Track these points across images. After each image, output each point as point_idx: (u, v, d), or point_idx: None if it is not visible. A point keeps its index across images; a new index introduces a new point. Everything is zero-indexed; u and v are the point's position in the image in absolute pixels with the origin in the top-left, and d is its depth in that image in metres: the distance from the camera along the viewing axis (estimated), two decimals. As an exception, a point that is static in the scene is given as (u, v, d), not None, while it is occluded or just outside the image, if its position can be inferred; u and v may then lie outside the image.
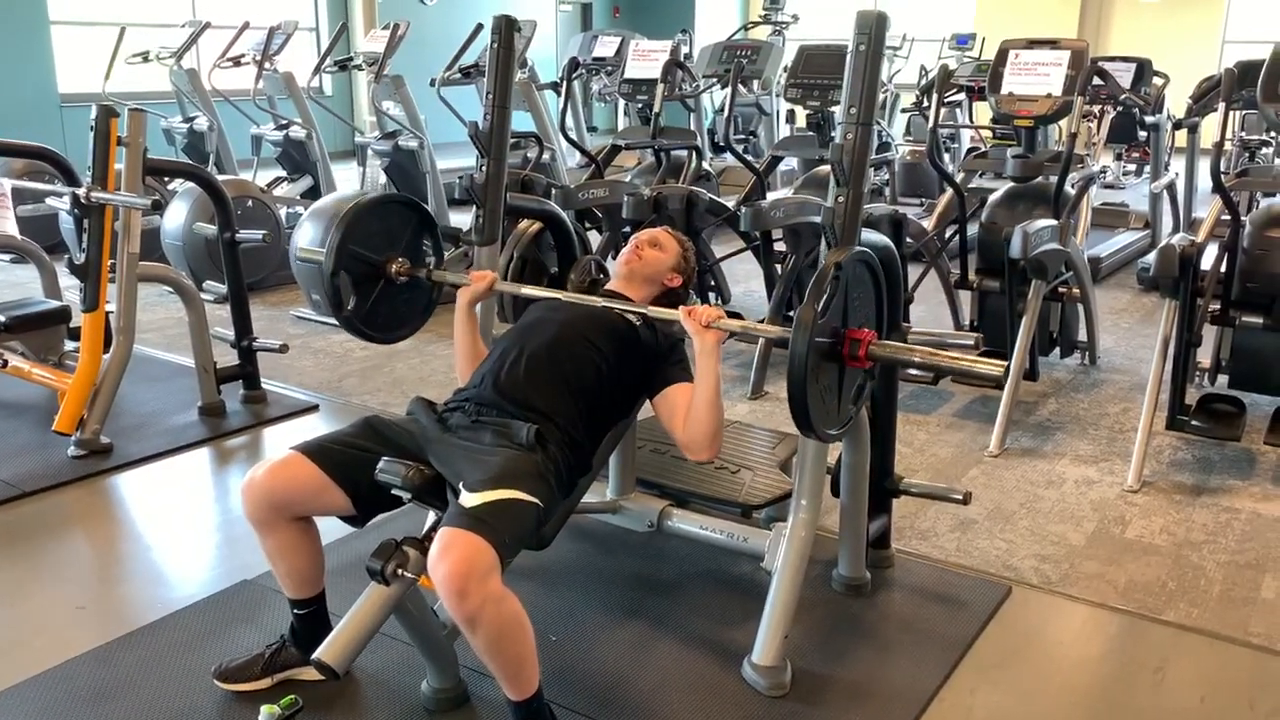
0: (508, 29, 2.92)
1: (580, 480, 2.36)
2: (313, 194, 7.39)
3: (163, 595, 2.79)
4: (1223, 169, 3.74)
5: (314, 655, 2.02)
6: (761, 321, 4.47)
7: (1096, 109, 6.35)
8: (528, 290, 2.69)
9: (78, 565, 3.02)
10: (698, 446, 2.30)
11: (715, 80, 6.88)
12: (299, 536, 2.25)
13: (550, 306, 2.54)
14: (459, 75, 7.08)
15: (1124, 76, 6.45)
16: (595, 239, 5.44)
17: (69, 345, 4.13)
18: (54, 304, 4.19)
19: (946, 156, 8.21)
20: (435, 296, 2.87)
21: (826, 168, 5.20)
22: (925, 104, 8.31)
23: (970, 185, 5.98)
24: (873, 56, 2.21)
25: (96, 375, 3.63)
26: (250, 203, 5.90)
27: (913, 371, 4.21)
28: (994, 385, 4.05)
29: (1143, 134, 7.71)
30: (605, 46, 9.27)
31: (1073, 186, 4.45)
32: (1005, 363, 2.17)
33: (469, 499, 1.96)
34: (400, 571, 1.98)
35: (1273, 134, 7.04)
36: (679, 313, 2.32)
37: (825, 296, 2.06)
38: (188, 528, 3.22)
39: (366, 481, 2.12)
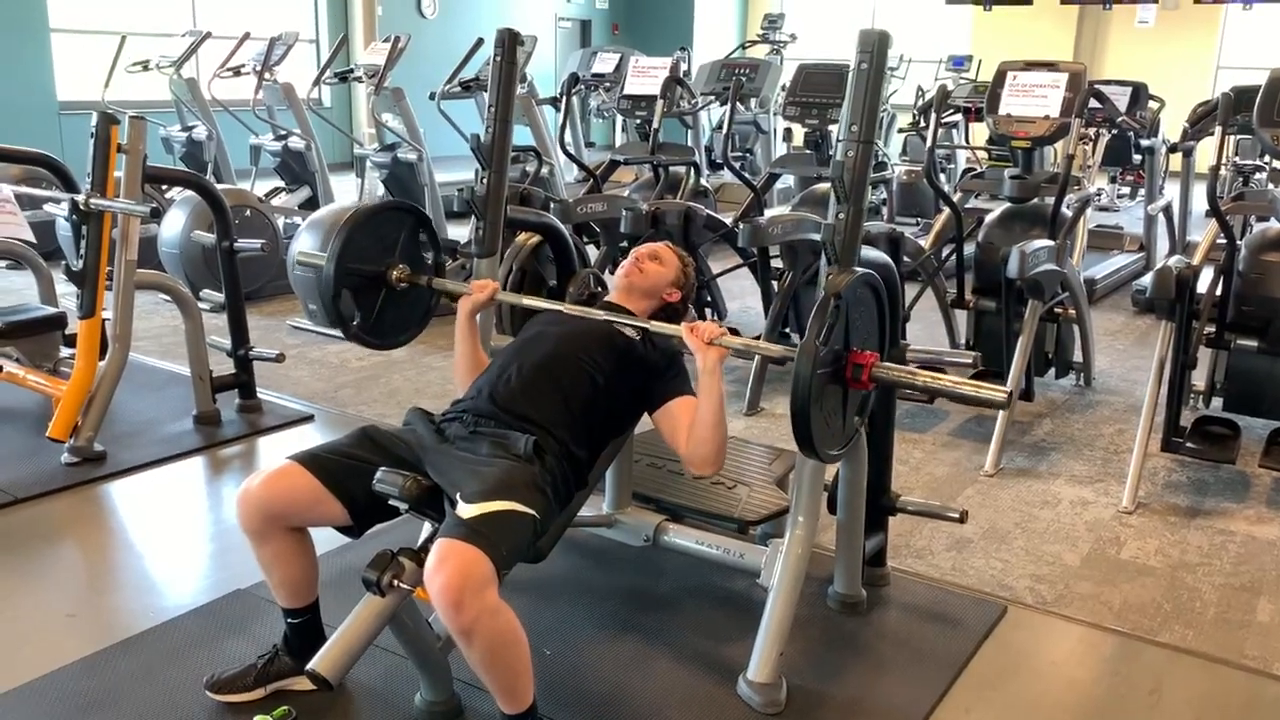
0: (511, 42, 2.92)
1: (577, 494, 2.35)
2: (311, 205, 7.40)
3: (154, 604, 2.78)
4: (1218, 193, 3.76)
5: (308, 666, 2.01)
6: (758, 338, 4.48)
7: (1092, 132, 6.39)
8: (529, 301, 2.69)
9: (69, 573, 3.00)
10: (701, 462, 2.30)
11: (714, 97, 6.92)
12: (294, 547, 2.24)
13: (550, 320, 2.54)
14: (459, 89, 7.11)
15: (1120, 100, 6.50)
16: (593, 253, 5.45)
17: (64, 352, 4.11)
18: (50, 310, 4.17)
19: (943, 177, 8.23)
20: (434, 303, 2.87)
21: (824, 185, 5.23)
22: (922, 124, 8.36)
23: (967, 205, 6.00)
24: (875, 75, 2.22)
25: (92, 382, 3.62)
26: (248, 212, 5.90)
27: (908, 390, 4.21)
28: (997, 408, 4.04)
29: (1137, 157, 7.76)
30: (604, 63, 9.32)
31: (1069, 208, 4.47)
32: (1009, 389, 2.18)
33: (466, 510, 1.96)
34: (396, 583, 1.97)
35: (1267, 159, 7.08)
36: (681, 329, 2.33)
37: (827, 325, 2.07)
38: (181, 536, 3.21)
39: (363, 492, 2.12)
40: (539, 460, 2.17)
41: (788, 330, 4.77)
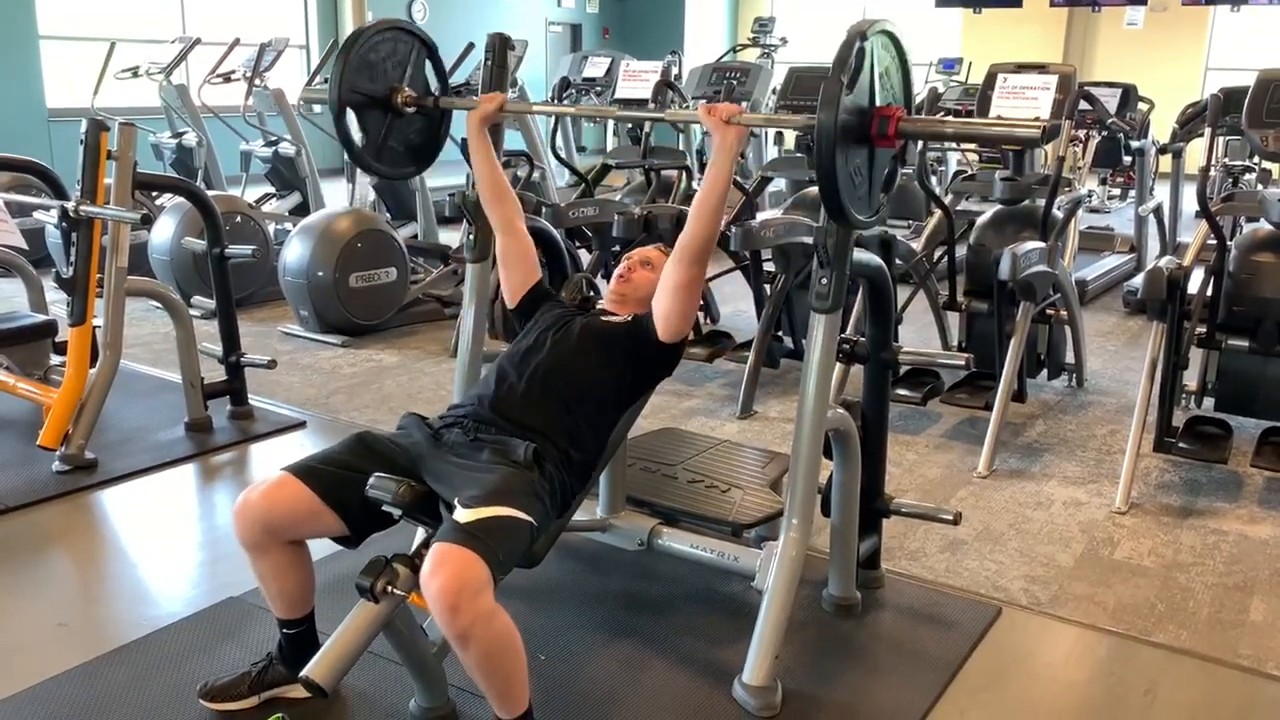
0: (501, 47, 2.92)
1: (574, 499, 2.35)
2: (302, 210, 7.38)
3: (147, 613, 2.76)
4: (1208, 194, 3.77)
5: (302, 673, 2.00)
6: (749, 344, 4.48)
7: (1082, 134, 6.41)
8: (539, 109, 2.67)
9: (60, 582, 2.99)
10: (695, 247, 2.33)
11: (705, 101, 6.91)
12: (291, 559, 2.23)
13: (546, 327, 2.53)
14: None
15: (1110, 102, 6.52)
16: (585, 258, 5.45)
17: (55, 360, 4.10)
18: (40, 318, 4.16)
19: (934, 179, 8.25)
20: (442, 129, 2.84)
21: (815, 189, 5.23)
22: (913, 127, 8.35)
23: (958, 208, 6.01)
24: (866, 77, 2.22)
25: (82, 390, 3.60)
26: (239, 219, 5.88)
27: (901, 392, 4.22)
28: (1031, 144, 3.64)
29: (1128, 159, 7.78)
30: (595, 67, 9.31)
31: (1060, 209, 4.48)
32: (1044, 121, 2.05)
33: (463, 515, 1.95)
34: (390, 589, 1.96)
35: (1256, 159, 7.11)
36: (699, 111, 2.33)
37: (852, 69, 1.97)
38: (173, 544, 3.19)
39: (358, 502, 2.10)
40: (538, 467, 2.17)
41: (780, 334, 4.77)
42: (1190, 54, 14.36)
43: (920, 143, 4.79)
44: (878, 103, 2.11)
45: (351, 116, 2.65)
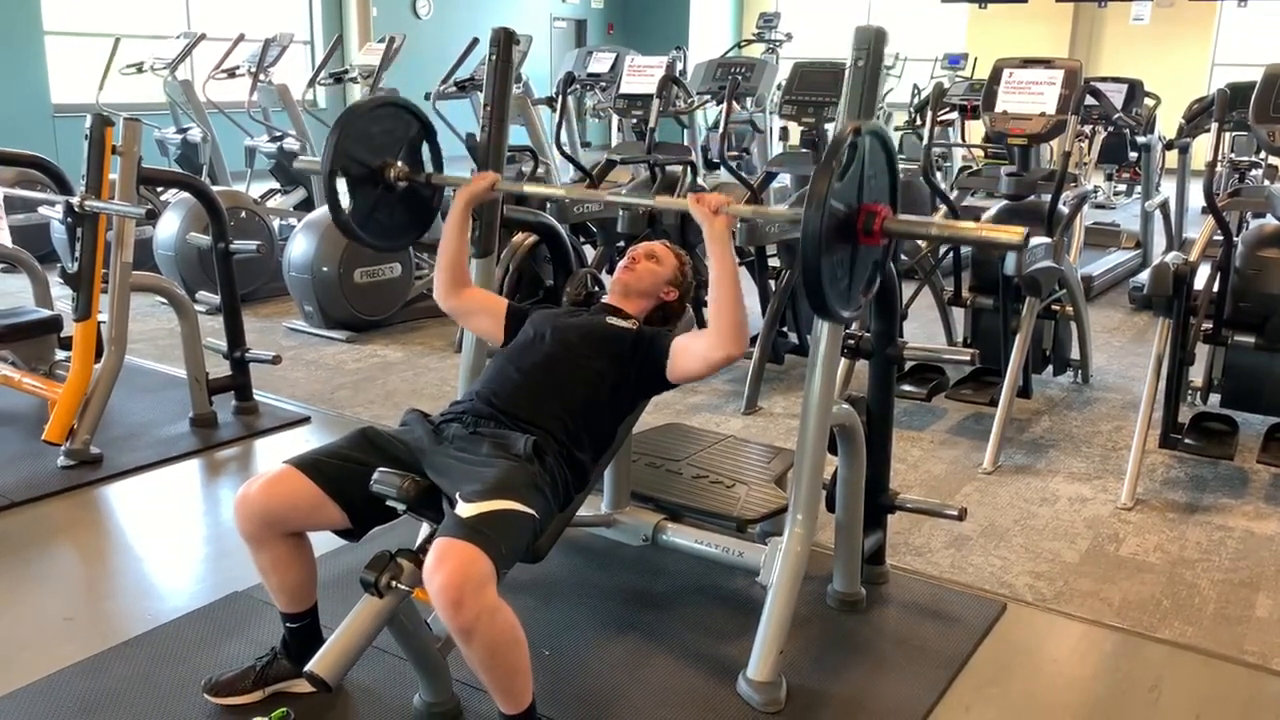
0: (506, 42, 2.91)
1: (576, 494, 2.35)
2: (306, 206, 7.38)
3: (152, 607, 2.77)
4: (1214, 189, 3.76)
5: (306, 668, 2.00)
6: (755, 338, 4.47)
7: (1088, 129, 6.39)
8: (529, 189, 2.67)
9: (66, 576, 2.99)
10: (725, 338, 2.26)
11: (710, 96, 6.90)
12: (292, 552, 2.23)
13: (545, 322, 2.53)
14: (454, 89, 7.10)
15: (1116, 97, 6.49)
16: (590, 253, 5.44)
17: (60, 355, 4.10)
18: (45, 313, 4.16)
19: (939, 175, 8.24)
20: (436, 204, 2.84)
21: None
22: (919, 122, 8.35)
23: (964, 203, 6.00)
24: (871, 72, 2.22)
25: (87, 385, 3.61)
26: (243, 214, 5.89)
27: (906, 388, 4.21)
28: (1015, 249, 3.62)
29: (1133, 154, 7.76)
30: (600, 62, 9.30)
31: (1066, 205, 4.47)
32: (1023, 229, 2.07)
33: (465, 510, 1.95)
34: (394, 584, 1.96)
35: (1263, 154, 7.08)
36: (688, 199, 2.31)
37: (841, 166, 1.98)
38: (178, 539, 3.20)
39: (361, 495, 2.11)
40: (539, 461, 2.17)
41: (785, 329, 4.77)
42: (1197, 49, 14.32)
43: (925, 139, 4.78)
44: (865, 200, 2.11)
45: (343, 183, 2.65)
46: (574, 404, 2.32)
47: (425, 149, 2.79)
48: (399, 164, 2.71)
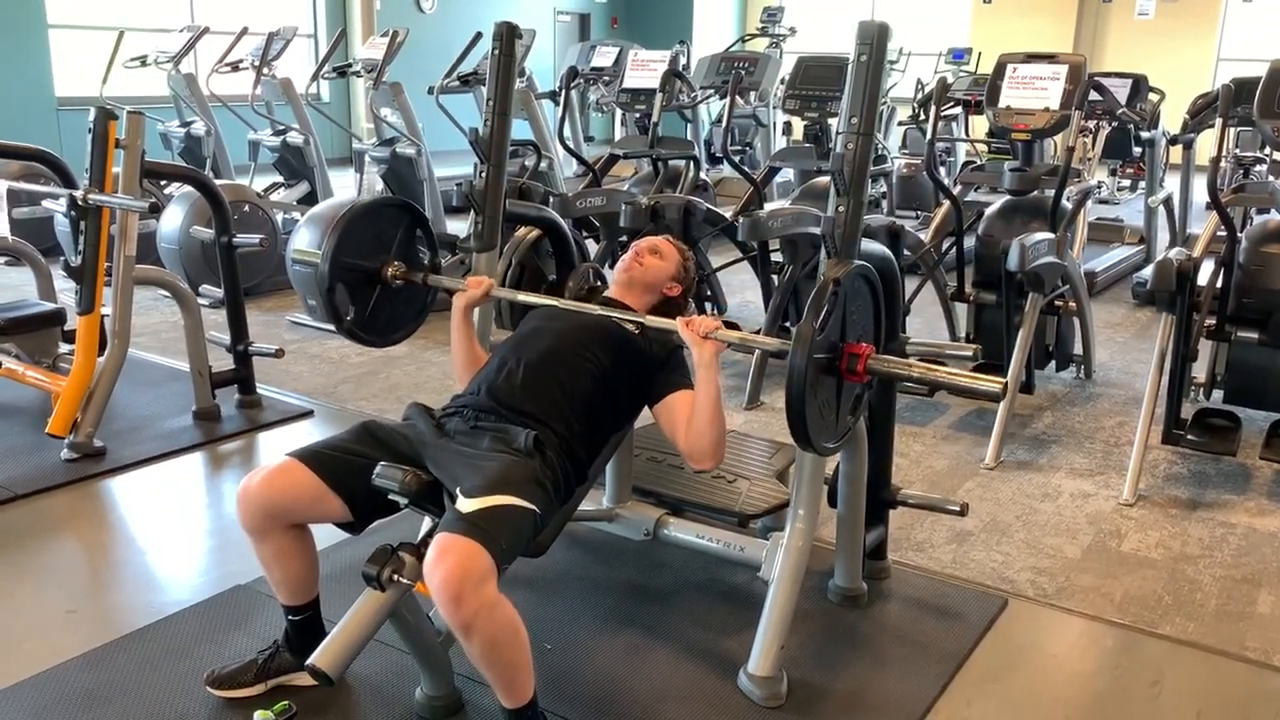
0: (509, 36, 2.91)
1: (577, 488, 2.35)
2: (309, 200, 7.38)
3: (155, 600, 2.77)
4: (1218, 185, 3.75)
5: (308, 661, 2.00)
6: (758, 332, 4.47)
7: (1092, 124, 6.38)
8: (524, 297, 2.68)
9: (69, 569, 3.00)
10: (700, 455, 2.30)
11: (713, 91, 6.90)
12: (294, 544, 2.24)
13: (548, 315, 2.53)
14: (457, 83, 7.09)
15: (1120, 92, 6.48)
16: (592, 248, 5.44)
17: (63, 348, 4.11)
18: (49, 306, 4.17)
19: (943, 170, 8.23)
20: (430, 300, 2.87)
21: (824, 179, 5.21)
22: (922, 117, 8.35)
23: (967, 198, 6.00)
24: (874, 67, 2.22)
25: (91, 378, 3.62)
26: (247, 208, 5.89)
27: (908, 383, 4.20)
28: (993, 400, 4.04)
29: (1137, 150, 7.75)
30: (603, 56, 9.30)
31: (1069, 200, 4.46)
32: (1004, 379, 2.17)
33: (466, 504, 1.95)
34: (396, 577, 1.96)
35: (1268, 150, 7.07)
36: (677, 323, 2.32)
37: (824, 312, 2.06)
38: (181, 532, 3.20)
39: (363, 488, 2.11)
40: (539, 455, 2.17)
41: (788, 324, 4.75)
42: (1201, 44, 14.28)
43: (929, 133, 4.77)
44: (848, 339, 2.17)
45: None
46: (574, 397, 2.32)
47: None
48: (396, 263, 2.74)
